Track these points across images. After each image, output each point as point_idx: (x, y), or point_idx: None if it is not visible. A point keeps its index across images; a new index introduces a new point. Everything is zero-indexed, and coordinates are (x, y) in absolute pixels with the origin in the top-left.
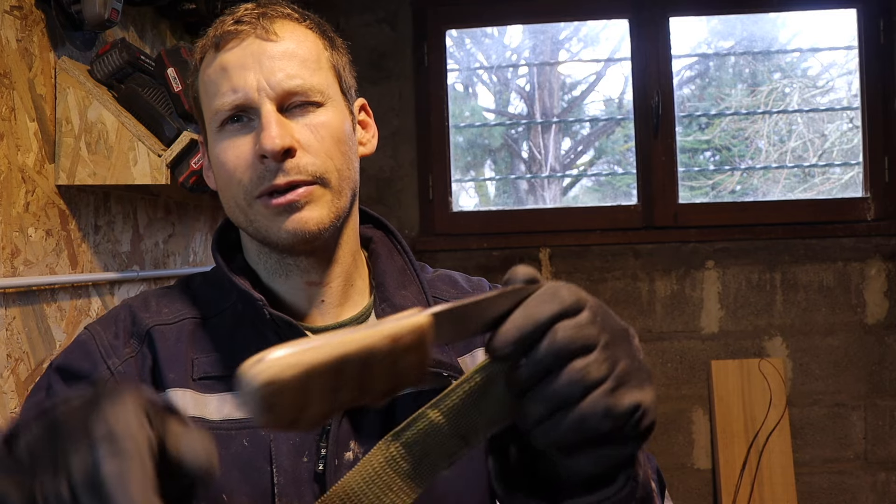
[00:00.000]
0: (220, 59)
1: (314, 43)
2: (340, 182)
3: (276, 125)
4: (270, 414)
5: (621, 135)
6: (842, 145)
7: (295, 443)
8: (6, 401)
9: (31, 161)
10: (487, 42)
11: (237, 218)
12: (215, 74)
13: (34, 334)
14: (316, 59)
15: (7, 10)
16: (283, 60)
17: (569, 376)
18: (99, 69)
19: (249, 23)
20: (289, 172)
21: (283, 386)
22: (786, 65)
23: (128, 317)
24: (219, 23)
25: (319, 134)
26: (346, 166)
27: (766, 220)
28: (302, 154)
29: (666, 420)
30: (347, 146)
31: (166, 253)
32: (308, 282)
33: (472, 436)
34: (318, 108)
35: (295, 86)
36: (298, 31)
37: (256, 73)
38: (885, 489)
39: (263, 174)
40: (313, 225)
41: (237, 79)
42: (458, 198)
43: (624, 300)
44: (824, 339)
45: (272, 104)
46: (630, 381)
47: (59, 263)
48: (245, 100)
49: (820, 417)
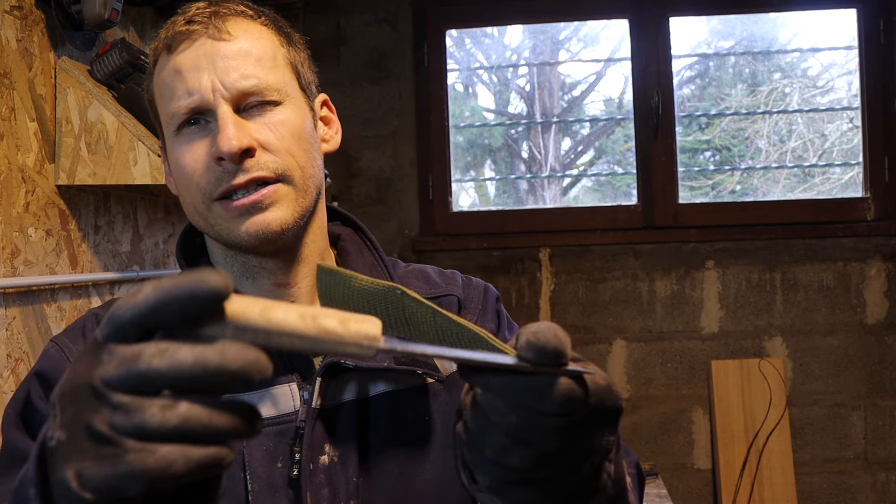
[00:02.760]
0: (174, 61)
1: (269, 40)
2: (304, 180)
3: (233, 126)
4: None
5: (621, 135)
6: (842, 145)
7: (268, 448)
8: (6, 401)
9: (31, 161)
10: (487, 42)
11: (198, 222)
12: (169, 77)
13: (34, 334)
14: (272, 57)
15: (7, 10)
16: (237, 60)
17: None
18: (99, 69)
19: (201, 22)
20: (249, 170)
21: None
22: (786, 65)
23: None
24: (170, 23)
25: (279, 132)
26: (309, 164)
27: (766, 220)
28: (262, 153)
29: (666, 420)
30: (309, 143)
31: (166, 253)
32: (276, 283)
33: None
34: (276, 106)
35: (250, 85)
36: (252, 28)
37: (210, 74)
38: (885, 489)
39: (221, 176)
40: (276, 225)
41: (191, 81)
42: (458, 198)
43: (624, 300)
44: (824, 339)
45: (228, 105)
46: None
47: (59, 263)
48: (200, 102)
49: (820, 417)
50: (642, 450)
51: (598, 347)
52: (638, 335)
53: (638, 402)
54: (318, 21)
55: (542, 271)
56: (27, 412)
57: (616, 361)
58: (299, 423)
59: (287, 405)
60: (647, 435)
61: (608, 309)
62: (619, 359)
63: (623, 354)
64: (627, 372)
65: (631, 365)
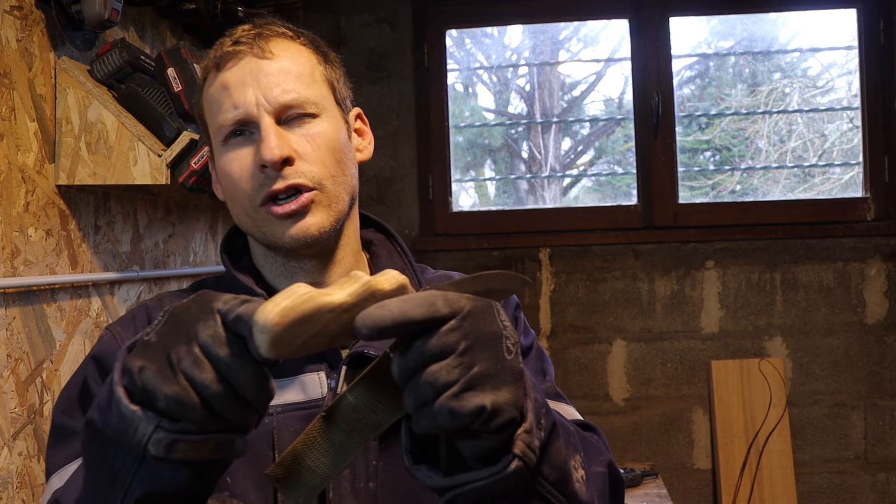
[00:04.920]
0: (221, 78)
1: (308, 58)
2: (337, 187)
3: (275, 136)
4: (280, 346)
5: (621, 135)
6: (842, 145)
7: (296, 430)
8: (6, 401)
9: (31, 161)
10: (487, 42)
11: (245, 224)
12: (217, 93)
13: (34, 334)
14: (310, 74)
15: (7, 10)
16: (279, 76)
17: (424, 378)
18: (99, 69)
19: (246, 43)
20: (287, 177)
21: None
22: (786, 65)
23: (144, 316)
24: (219, 45)
25: (315, 143)
26: (342, 172)
27: (766, 220)
28: (300, 163)
29: (666, 420)
30: (343, 153)
31: (166, 253)
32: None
33: (383, 416)
34: (314, 119)
35: (290, 99)
36: (293, 48)
37: (255, 89)
38: (885, 489)
39: (264, 182)
40: (315, 230)
41: (237, 96)
42: (458, 198)
43: (624, 300)
44: (824, 339)
45: (270, 117)
46: (482, 384)
47: (59, 263)
48: (245, 115)
49: (820, 417)
50: (642, 450)
51: (598, 347)
52: (638, 335)
53: (638, 402)
54: (318, 21)
55: (542, 271)
56: (84, 397)
57: (616, 361)
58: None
59: (315, 391)
60: (647, 435)
61: (608, 309)
62: (619, 359)
63: (623, 354)
64: (627, 372)
65: (631, 365)
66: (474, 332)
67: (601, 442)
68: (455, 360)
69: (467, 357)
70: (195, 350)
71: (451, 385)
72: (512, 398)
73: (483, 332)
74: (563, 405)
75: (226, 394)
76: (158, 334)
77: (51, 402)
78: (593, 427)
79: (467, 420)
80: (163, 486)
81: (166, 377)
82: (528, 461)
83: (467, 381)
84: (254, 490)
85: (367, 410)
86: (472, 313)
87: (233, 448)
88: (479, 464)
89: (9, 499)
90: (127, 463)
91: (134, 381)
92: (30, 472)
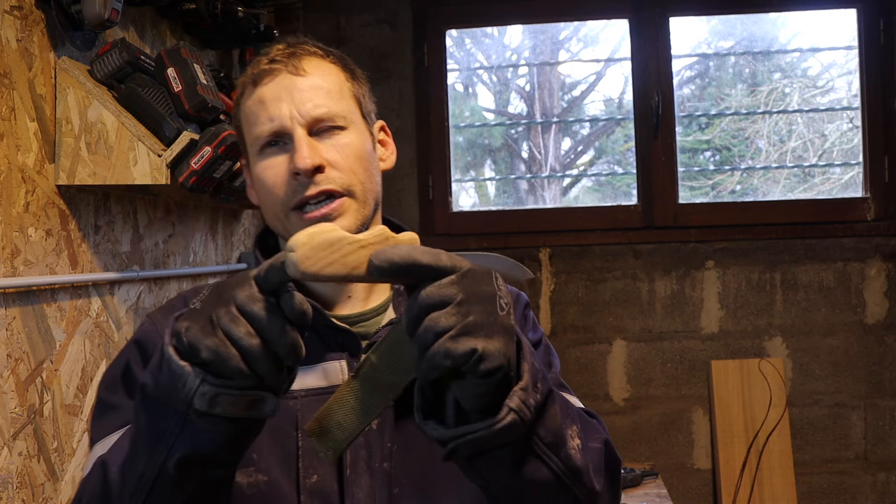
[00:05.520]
0: (258, 92)
1: (337, 76)
2: (365, 193)
3: (307, 147)
4: (307, 263)
5: (621, 135)
6: (842, 145)
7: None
8: (6, 401)
9: (31, 161)
10: (487, 42)
11: (276, 227)
12: (254, 106)
13: (34, 334)
14: (339, 90)
15: (7, 10)
16: (311, 92)
17: (426, 324)
18: (99, 69)
19: (281, 61)
20: (319, 184)
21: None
22: (786, 65)
23: (182, 305)
24: (255, 62)
25: (344, 153)
26: (369, 179)
27: (766, 220)
28: (330, 170)
29: (666, 420)
30: (369, 162)
31: (166, 253)
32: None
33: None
34: (342, 130)
35: (321, 113)
36: (323, 66)
37: (289, 104)
38: (885, 489)
39: (297, 188)
40: None
41: (273, 109)
42: (458, 198)
43: (624, 300)
44: (824, 339)
45: (303, 129)
46: (475, 331)
47: (59, 263)
48: (280, 127)
49: (820, 417)
50: (642, 450)
51: (598, 347)
52: (638, 335)
53: (638, 402)
54: (318, 21)
55: (542, 271)
56: (126, 376)
57: (616, 361)
58: None
59: (336, 378)
60: (647, 435)
61: (608, 309)
62: (619, 359)
63: (623, 354)
64: (627, 372)
65: (631, 365)
66: (471, 288)
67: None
68: (453, 308)
69: (464, 307)
70: (232, 309)
71: (449, 329)
72: (501, 347)
73: (479, 289)
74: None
75: (259, 347)
76: (203, 302)
77: (51, 402)
78: (594, 414)
79: (461, 360)
80: (202, 447)
81: (207, 332)
82: (523, 416)
83: (463, 327)
84: (277, 466)
85: (385, 371)
86: (472, 272)
87: (264, 407)
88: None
89: (9, 499)
90: (172, 424)
91: (181, 340)
92: (30, 472)
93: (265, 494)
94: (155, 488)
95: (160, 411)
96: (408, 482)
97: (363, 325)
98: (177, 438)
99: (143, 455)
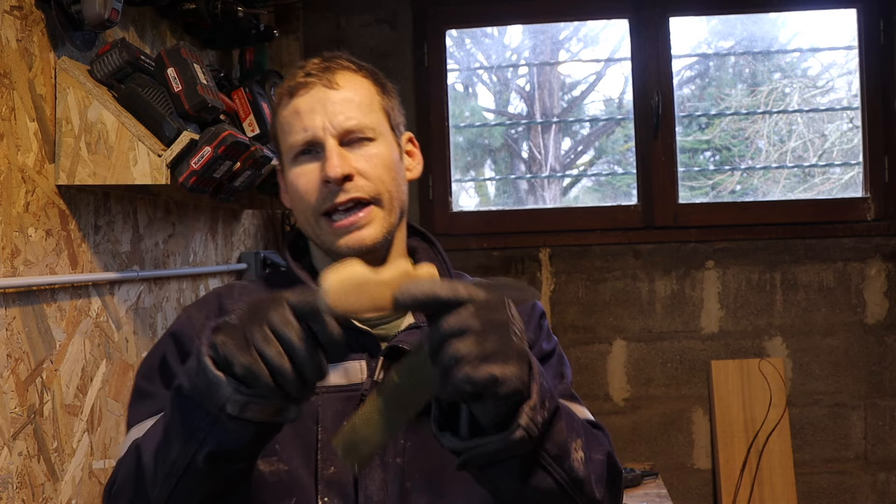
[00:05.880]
0: (294, 104)
1: (368, 90)
2: (391, 202)
3: (337, 156)
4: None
5: (621, 135)
6: (842, 145)
7: (338, 408)
8: (6, 401)
9: (31, 161)
10: (487, 42)
11: (307, 230)
12: (290, 116)
13: (34, 334)
14: (369, 103)
15: (7, 10)
16: (343, 105)
17: (447, 351)
18: (99, 69)
19: (316, 75)
20: (349, 191)
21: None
22: (786, 65)
23: (215, 301)
24: (292, 75)
25: (373, 163)
26: (395, 188)
27: (766, 220)
28: (359, 178)
29: (666, 420)
30: (396, 172)
31: (166, 253)
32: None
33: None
34: (371, 142)
35: (352, 125)
36: (355, 80)
37: (322, 115)
38: (885, 489)
39: (327, 195)
40: (370, 241)
41: (307, 120)
42: (458, 198)
43: (624, 300)
44: (824, 339)
45: (334, 140)
46: (493, 358)
47: (59, 263)
48: (313, 136)
49: (820, 417)
50: (642, 450)
51: (598, 347)
52: (638, 335)
53: (638, 402)
54: (318, 21)
55: (542, 271)
56: (163, 366)
57: (616, 361)
58: (363, 392)
59: (356, 377)
60: (647, 435)
61: (608, 309)
62: (619, 359)
63: (623, 354)
64: (627, 372)
65: (631, 365)
66: (487, 317)
67: (605, 438)
68: (472, 336)
69: (481, 336)
70: (266, 330)
71: (469, 356)
72: (517, 371)
73: (495, 318)
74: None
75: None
76: (239, 318)
77: (51, 402)
78: (600, 426)
79: (481, 385)
80: (229, 444)
81: (241, 349)
82: (531, 432)
83: (482, 355)
84: (297, 456)
85: (408, 390)
86: (487, 302)
87: (288, 414)
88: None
89: (9, 499)
90: (204, 423)
91: (217, 353)
92: (30, 472)
93: (285, 482)
94: (185, 476)
95: (194, 410)
96: (420, 477)
97: (383, 328)
98: (207, 435)
99: (175, 446)
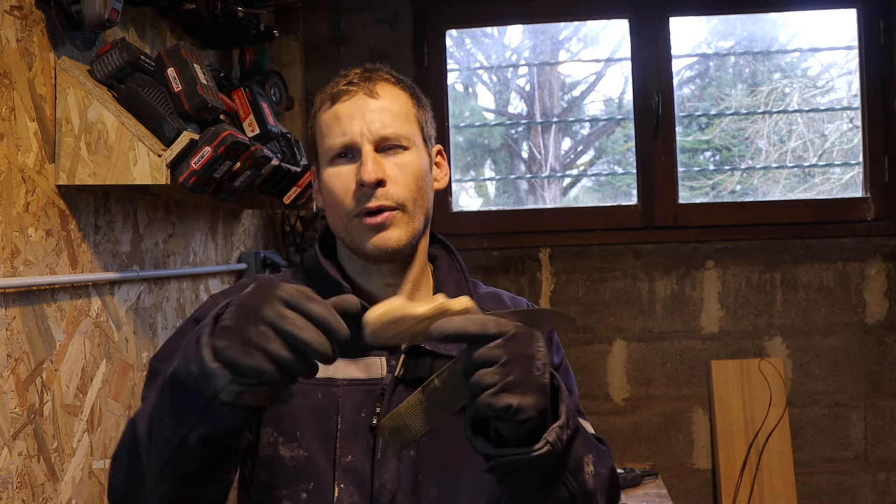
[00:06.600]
0: (335, 109)
1: (405, 101)
2: (416, 209)
3: (373, 162)
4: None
5: (621, 135)
6: (842, 145)
7: (357, 401)
8: (6, 401)
9: (31, 161)
10: (487, 42)
11: (338, 230)
12: (330, 120)
13: (34, 334)
14: (405, 114)
15: (7, 10)
16: (381, 113)
17: (475, 378)
18: (99, 69)
19: (357, 84)
20: (378, 198)
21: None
22: (786, 65)
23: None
24: (334, 83)
25: (404, 171)
26: (422, 197)
27: (766, 220)
28: (390, 185)
29: (666, 420)
30: (424, 182)
31: (166, 253)
32: (385, 283)
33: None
34: (405, 150)
35: (388, 133)
36: (394, 91)
37: (360, 122)
38: (885, 489)
39: (361, 198)
40: (394, 242)
41: (346, 125)
42: (459, 198)
43: (624, 300)
44: (824, 339)
45: (370, 146)
46: (513, 389)
47: (59, 263)
48: (351, 141)
49: (820, 417)
50: (642, 450)
51: (598, 347)
52: (638, 335)
53: (638, 402)
54: (318, 21)
55: (542, 271)
56: None
57: (616, 361)
58: (383, 386)
59: (376, 372)
60: (647, 435)
61: (608, 309)
62: (619, 359)
63: (623, 354)
64: (627, 372)
65: (631, 365)
66: (514, 350)
67: (608, 453)
68: (497, 368)
69: (506, 368)
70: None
71: (492, 387)
72: (534, 402)
73: (521, 352)
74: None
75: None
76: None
77: (51, 402)
78: (604, 441)
79: (500, 412)
80: (222, 424)
81: (244, 354)
82: (556, 447)
83: (503, 385)
84: (317, 444)
85: (446, 392)
86: (515, 336)
87: (282, 396)
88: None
89: (9, 499)
90: (196, 403)
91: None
92: (30, 472)
93: (304, 468)
94: (176, 453)
95: (188, 394)
96: (431, 470)
97: None
98: (199, 418)
99: (168, 425)
